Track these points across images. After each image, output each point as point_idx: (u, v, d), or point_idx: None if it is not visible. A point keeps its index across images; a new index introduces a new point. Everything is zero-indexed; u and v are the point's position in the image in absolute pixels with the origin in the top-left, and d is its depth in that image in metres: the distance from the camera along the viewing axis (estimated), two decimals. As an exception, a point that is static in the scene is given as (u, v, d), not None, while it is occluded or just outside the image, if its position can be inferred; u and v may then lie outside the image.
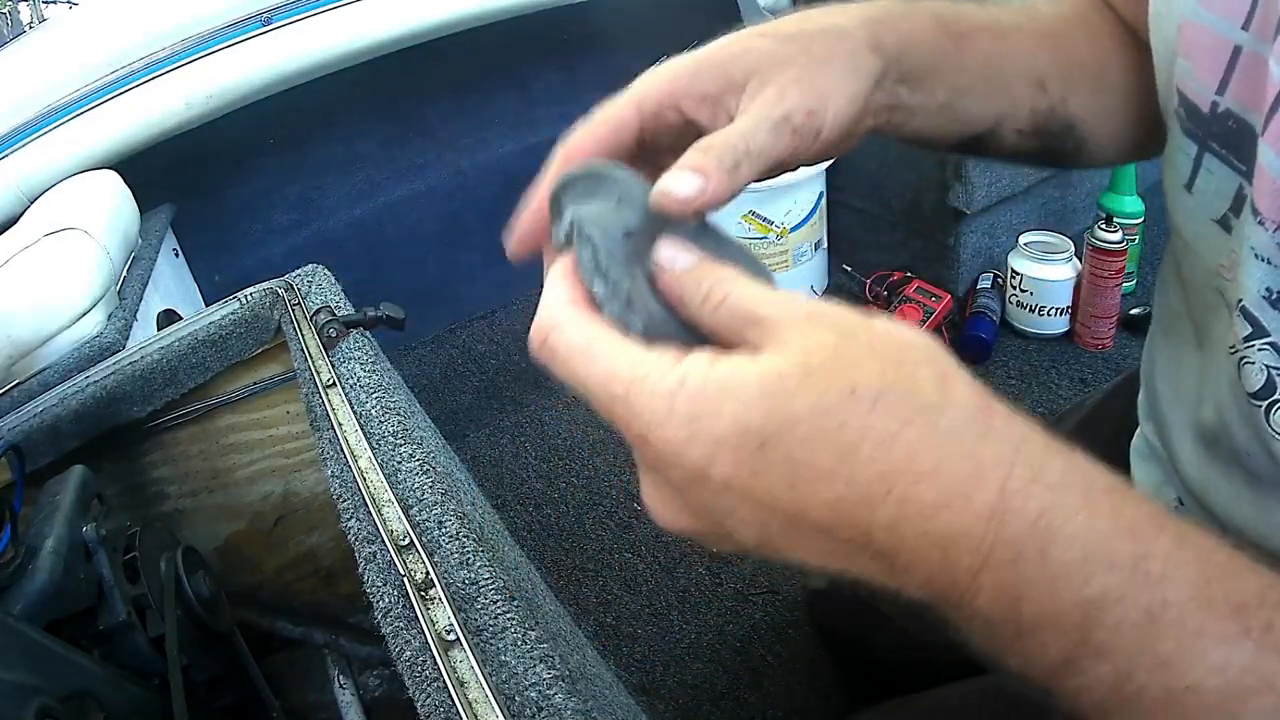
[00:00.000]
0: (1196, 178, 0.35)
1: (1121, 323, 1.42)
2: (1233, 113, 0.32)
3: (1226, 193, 0.33)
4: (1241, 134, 0.32)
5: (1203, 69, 0.33)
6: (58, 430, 0.65)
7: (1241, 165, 0.32)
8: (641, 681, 1.03)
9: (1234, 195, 0.33)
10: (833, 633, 0.88)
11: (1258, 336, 0.31)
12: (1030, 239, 1.44)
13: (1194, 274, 0.38)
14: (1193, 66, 0.34)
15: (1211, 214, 0.35)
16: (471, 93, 1.84)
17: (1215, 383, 0.37)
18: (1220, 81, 0.32)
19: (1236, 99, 0.32)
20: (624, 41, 1.93)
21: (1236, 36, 0.31)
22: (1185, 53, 0.34)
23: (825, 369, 0.22)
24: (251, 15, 1.43)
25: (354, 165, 1.77)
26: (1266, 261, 0.30)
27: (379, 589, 0.42)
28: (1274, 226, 0.29)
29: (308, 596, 0.82)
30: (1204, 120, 0.34)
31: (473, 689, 0.35)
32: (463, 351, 1.83)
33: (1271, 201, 0.29)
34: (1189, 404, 0.40)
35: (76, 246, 1.00)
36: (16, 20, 5.72)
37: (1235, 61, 0.31)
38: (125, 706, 0.47)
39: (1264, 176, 0.29)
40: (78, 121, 1.34)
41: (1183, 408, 0.41)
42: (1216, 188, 0.34)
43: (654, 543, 1.22)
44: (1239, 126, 0.32)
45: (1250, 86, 0.31)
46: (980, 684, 0.60)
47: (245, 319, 0.71)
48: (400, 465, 0.50)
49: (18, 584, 0.48)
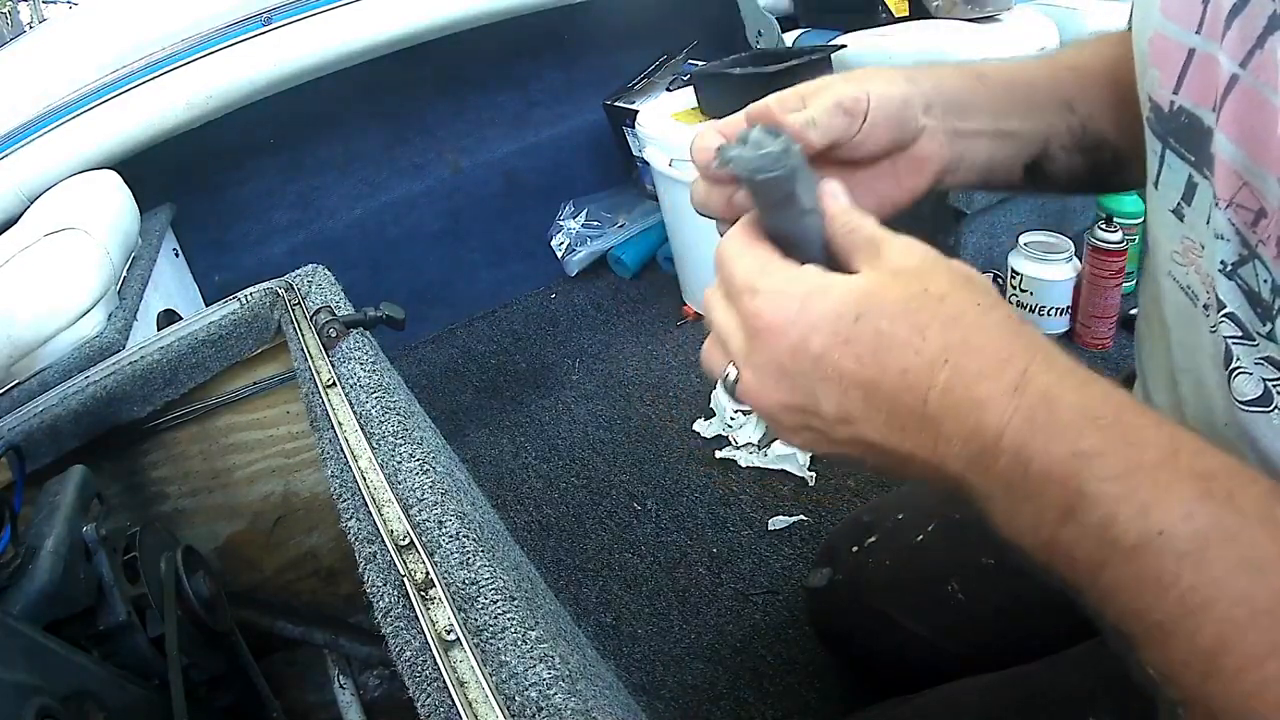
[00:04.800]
0: (1160, 174, 0.39)
1: (1121, 322, 1.42)
2: (1185, 109, 0.35)
3: (1179, 184, 0.37)
4: (1192, 128, 0.35)
5: (1165, 74, 0.36)
6: (58, 430, 0.65)
7: (1191, 156, 0.36)
8: (641, 681, 1.03)
9: (1184, 185, 0.36)
10: (833, 633, 0.88)
11: (1218, 309, 0.34)
12: (1030, 239, 1.44)
13: (1156, 263, 0.41)
14: (1159, 73, 0.37)
15: (1169, 205, 0.38)
16: (471, 93, 1.84)
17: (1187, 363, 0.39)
18: (1176, 82, 0.35)
19: (1189, 97, 0.35)
20: (623, 41, 1.93)
21: (1190, 40, 0.34)
22: (1154, 62, 0.37)
23: (909, 275, 0.30)
24: (251, 15, 1.43)
25: (354, 165, 1.77)
26: (1221, 238, 0.33)
27: (379, 589, 0.42)
28: (1225, 204, 0.32)
29: (308, 596, 0.82)
30: (1165, 119, 0.37)
31: (473, 689, 0.35)
32: (463, 351, 1.83)
33: (1224, 182, 0.32)
34: (1165, 387, 0.42)
35: (76, 246, 1.00)
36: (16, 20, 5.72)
37: (1189, 63, 0.34)
38: (125, 706, 0.47)
39: (1221, 162, 0.32)
40: (78, 121, 1.34)
41: (1163, 391, 0.43)
42: (1173, 180, 0.37)
43: (654, 543, 1.22)
44: (1190, 121, 0.35)
45: (1201, 84, 0.34)
46: (979, 683, 0.60)
47: (245, 319, 0.71)
48: (400, 465, 0.50)
49: (18, 584, 0.48)
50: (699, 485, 1.30)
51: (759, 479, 1.28)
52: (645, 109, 1.65)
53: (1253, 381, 0.33)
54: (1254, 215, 0.31)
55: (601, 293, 1.90)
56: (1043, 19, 1.50)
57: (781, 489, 1.25)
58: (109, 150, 1.35)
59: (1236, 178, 0.31)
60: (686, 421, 1.42)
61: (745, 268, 0.32)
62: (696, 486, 1.30)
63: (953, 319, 0.28)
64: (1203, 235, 0.35)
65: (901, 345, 0.28)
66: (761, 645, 1.03)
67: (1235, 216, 0.32)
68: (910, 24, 1.55)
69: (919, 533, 0.75)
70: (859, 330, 0.29)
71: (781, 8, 1.81)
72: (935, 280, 0.29)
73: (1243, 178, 0.31)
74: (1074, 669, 0.56)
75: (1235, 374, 0.34)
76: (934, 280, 0.29)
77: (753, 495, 1.25)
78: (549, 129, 1.93)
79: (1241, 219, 0.32)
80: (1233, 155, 0.31)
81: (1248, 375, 0.33)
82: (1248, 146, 0.30)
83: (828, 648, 0.94)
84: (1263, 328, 0.32)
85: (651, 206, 1.92)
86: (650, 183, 1.80)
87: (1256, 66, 0.29)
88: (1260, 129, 0.29)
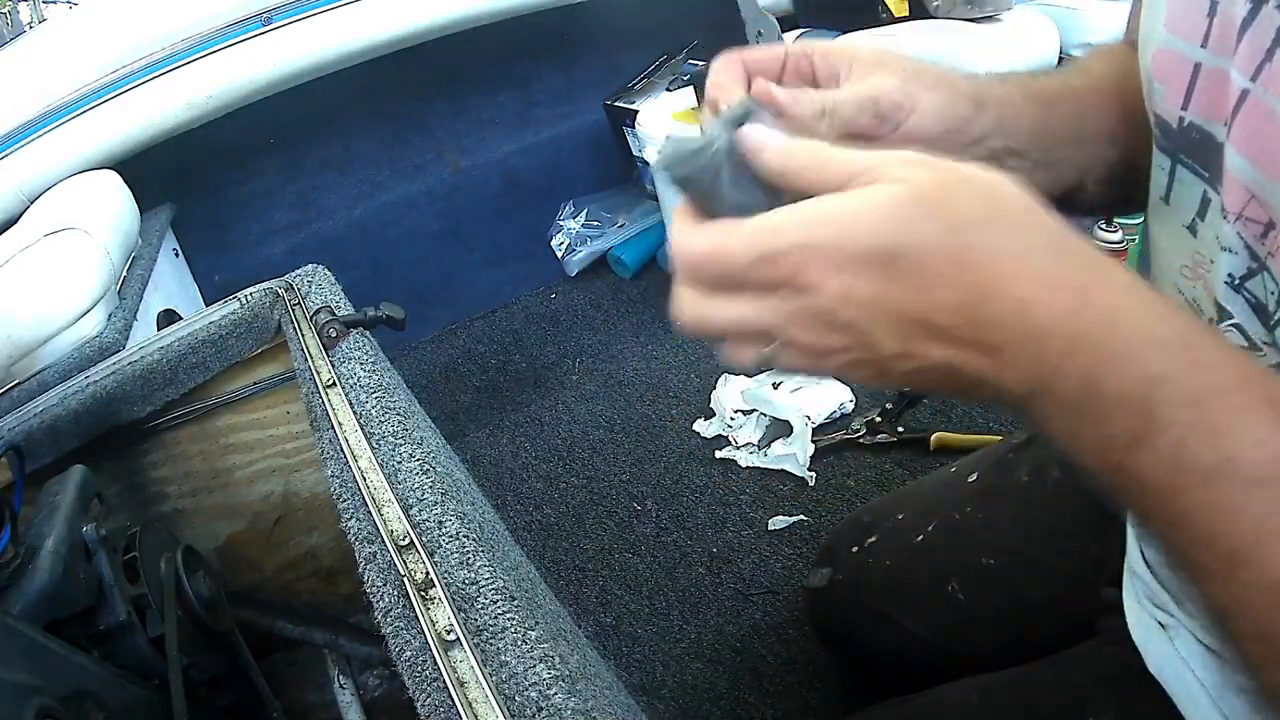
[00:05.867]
0: (1172, 189, 0.38)
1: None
2: (1196, 125, 0.35)
3: (1194, 199, 0.36)
4: (1204, 144, 0.35)
5: (1171, 89, 0.36)
6: (58, 430, 0.65)
7: (1205, 172, 0.35)
8: (641, 681, 1.03)
9: (1200, 200, 0.36)
10: (833, 633, 0.88)
11: (1224, 320, 0.34)
12: (1030, 239, 1.44)
13: (1160, 275, 0.41)
14: (1164, 89, 0.36)
15: (1183, 220, 0.37)
16: (471, 93, 1.84)
17: None
18: (1184, 98, 0.35)
19: (1198, 112, 0.35)
20: (623, 41, 1.93)
21: (1196, 55, 0.34)
22: (1159, 77, 0.37)
23: (936, 198, 0.27)
24: (251, 15, 1.43)
25: (353, 165, 1.77)
26: (1229, 251, 0.33)
27: (379, 589, 0.42)
28: (1234, 217, 0.32)
29: (308, 596, 0.82)
30: (1173, 135, 0.37)
31: (473, 689, 0.35)
32: (463, 351, 1.83)
33: (1233, 196, 0.32)
34: None
35: (76, 246, 1.00)
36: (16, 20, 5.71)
37: (1196, 77, 0.34)
38: (125, 706, 0.47)
39: (1230, 176, 0.32)
40: (78, 121, 1.34)
41: None
42: (1187, 196, 0.37)
43: (654, 543, 1.22)
44: (1201, 137, 0.35)
45: (1211, 98, 0.33)
46: (979, 683, 0.60)
47: (245, 319, 0.71)
48: (400, 465, 0.49)
49: (18, 584, 0.48)
50: (699, 485, 1.30)
51: (759, 479, 1.28)
52: (645, 109, 1.65)
53: None
54: (1263, 228, 0.31)
55: (601, 293, 1.90)
56: (1043, 19, 1.50)
57: (781, 489, 1.25)
58: (109, 150, 1.35)
59: (1245, 191, 0.31)
60: (686, 421, 1.42)
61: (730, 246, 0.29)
62: (696, 486, 1.30)
63: (994, 251, 0.27)
64: (1213, 250, 0.35)
65: (947, 283, 0.27)
66: (761, 645, 1.03)
67: (1244, 230, 0.32)
68: (910, 24, 1.55)
69: (919, 533, 0.75)
70: (900, 273, 0.27)
71: (781, 8, 1.81)
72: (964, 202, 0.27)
73: (1251, 190, 0.31)
74: (1074, 669, 0.56)
75: None
76: (963, 202, 0.27)
77: (753, 495, 1.25)
78: (549, 129, 1.93)
79: (1250, 232, 0.32)
80: (1241, 168, 0.31)
81: None
82: (1258, 159, 0.30)
83: (828, 648, 0.94)
84: (1268, 337, 0.32)
85: (651, 206, 1.92)
86: (650, 183, 1.80)
87: (1266, 79, 0.29)
88: (1270, 141, 0.29)
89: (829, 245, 0.27)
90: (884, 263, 0.27)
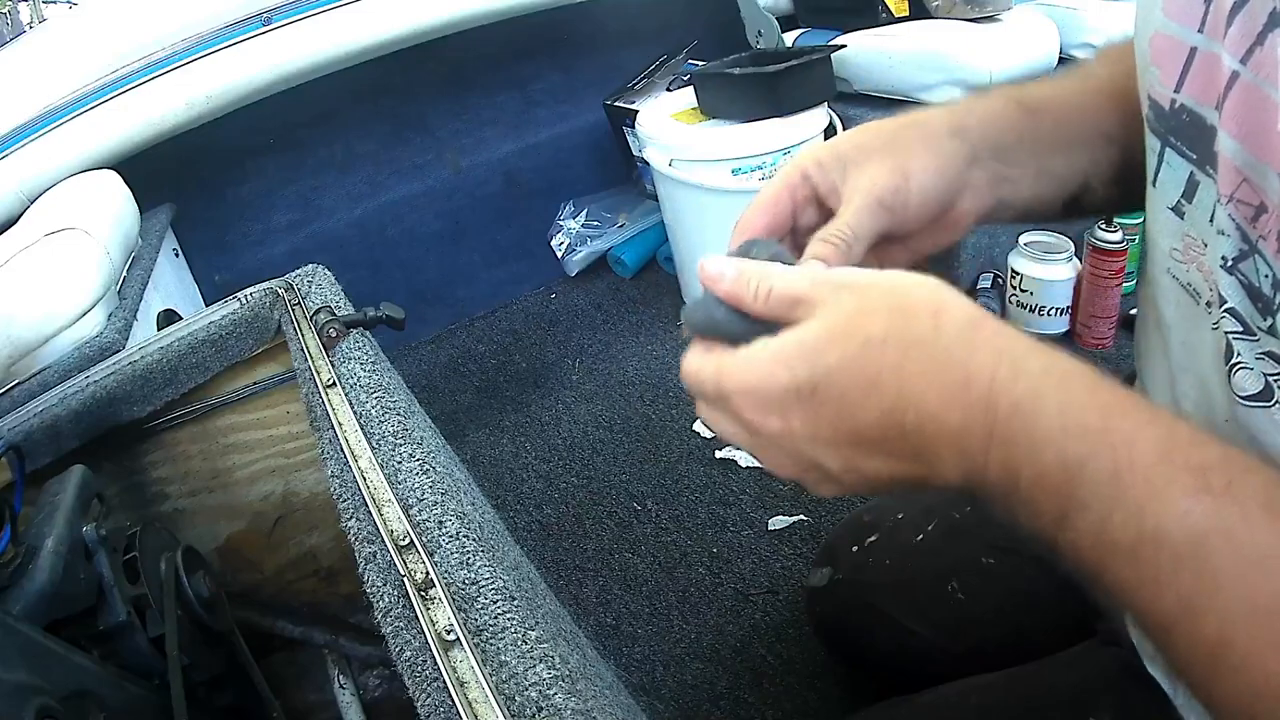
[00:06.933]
0: (1159, 172, 0.39)
1: (1121, 322, 1.42)
2: (1187, 107, 0.35)
3: (1180, 181, 0.37)
4: (1194, 125, 0.35)
5: (1165, 72, 0.36)
6: (58, 430, 0.65)
7: (1193, 154, 0.36)
8: (641, 681, 1.03)
9: (1186, 182, 0.36)
10: (833, 633, 0.88)
11: (1219, 305, 0.34)
12: (1030, 239, 1.44)
13: (1153, 260, 0.41)
14: (1159, 71, 0.37)
15: (1167, 201, 0.38)
16: (471, 93, 1.84)
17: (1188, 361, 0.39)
18: (1178, 81, 0.35)
19: (1191, 95, 0.35)
20: (624, 41, 1.93)
21: (1193, 39, 0.34)
22: (1155, 61, 0.37)
23: (845, 328, 0.30)
24: (251, 15, 1.43)
25: (354, 165, 1.77)
26: (1223, 234, 0.33)
27: (379, 589, 0.42)
28: (1225, 200, 0.32)
29: (308, 596, 0.82)
30: (1165, 117, 0.37)
31: (473, 689, 0.35)
32: (463, 351, 1.83)
33: (1227, 178, 0.32)
34: (1165, 385, 0.42)
35: (76, 246, 1.00)
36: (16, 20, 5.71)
37: (1191, 61, 0.35)
38: (125, 706, 0.47)
39: (1223, 158, 0.32)
40: (78, 121, 1.34)
41: (1162, 390, 0.43)
42: (1173, 177, 0.37)
43: (654, 543, 1.22)
44: (1191, 119, 0.35)
45: (1204, 82, 0.34)
46: (979, 683, 0.60)
47: (245, 319, 0.71)
48: (400, 465, 0.49)
49: (18, 584, 0.48)
50: (699, 485, 1.30)
51: (759, 479, 1.28)
52: (645, 109, 1.65)
53: (1253, 376, 0.33)
54: (1254, 210, 0.31)
55: (601, 293, 1.90)
56: (1043, 19, 1.50)
57: (781, 489, 1.25)
58: (109, 150, 1.35)
59: (1237, 173, 0.31)
60: (686, 421, 1.42)
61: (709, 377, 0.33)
62: (696, 486, 1.30)
63: (898, 366, 0.29)
64: (1205, 232, 0.35)
65: (863, 402, 0.29)
66: (761, 645, 1.03)
67: (1236, 212, 0.32)
68: (910, 24, 1.55)
69: (919, 533, 0.75)
70: (821, 400, 0.30)
71: (781, 8, 1.81)
72: (873, 323, 0.29)
73: (1243, 173, 0.31)
74: (1074, 669, 0.56)
75: (1236, 369, 0.34)
76: (871, 324, 0.29)
77: (753, 495, 1.25)
78: (549, 129, 1.93)
79: (1242, 214, 0.32)
80: (1233, 151, 0.31)
81: (1248, 370, 0.33)
82: (1248, 142, 0.30)
83: (828, 648, 0.94)
84: (1263, 322, 0.32)
85: (651, 206, 1.92)
86: (650, 183, 1.80)
87: (1256, 63, 0.29)
88: (1260, 124, 0.29)
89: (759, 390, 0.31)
90: (806, 396, 0.30)
